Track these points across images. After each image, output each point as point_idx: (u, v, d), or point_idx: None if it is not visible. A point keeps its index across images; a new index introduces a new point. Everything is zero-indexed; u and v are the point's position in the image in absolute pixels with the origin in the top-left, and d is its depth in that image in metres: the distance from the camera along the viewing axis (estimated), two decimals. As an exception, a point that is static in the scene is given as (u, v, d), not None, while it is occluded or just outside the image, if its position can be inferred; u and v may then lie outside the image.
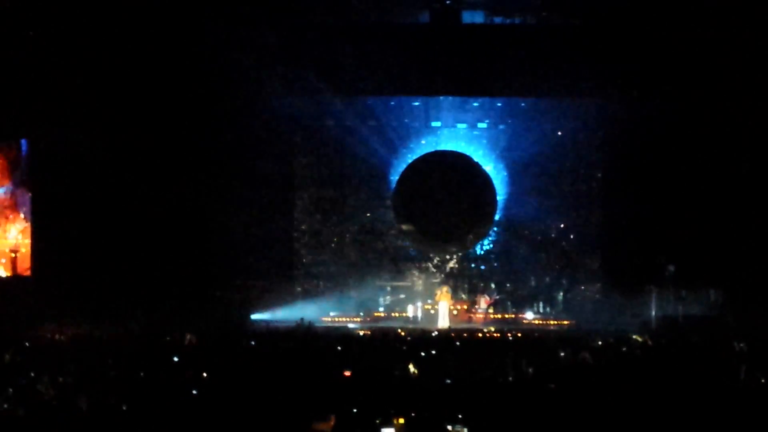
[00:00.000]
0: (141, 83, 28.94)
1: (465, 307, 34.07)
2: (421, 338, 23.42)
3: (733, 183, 29.43)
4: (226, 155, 31.39)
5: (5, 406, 12.20)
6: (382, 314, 33.91)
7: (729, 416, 11.91)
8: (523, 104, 35.46)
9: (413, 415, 11.95)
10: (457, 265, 36.26)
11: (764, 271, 28.45)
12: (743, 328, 25.08)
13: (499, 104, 35.83)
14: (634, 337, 24.74)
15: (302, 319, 28.03)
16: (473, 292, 35.16)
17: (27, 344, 19.10)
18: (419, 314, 33.35)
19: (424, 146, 36.73)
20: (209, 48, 29.22)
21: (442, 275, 35.72)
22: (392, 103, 35.41)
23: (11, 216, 32.29)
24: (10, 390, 12.85)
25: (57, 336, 21.99)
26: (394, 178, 36.17)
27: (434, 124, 36.72)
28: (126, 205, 29.36)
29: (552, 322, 32.82)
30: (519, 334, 26.09)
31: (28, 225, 31.82)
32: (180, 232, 29.99)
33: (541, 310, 34.55)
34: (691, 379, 14.61)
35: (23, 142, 31.75)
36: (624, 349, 20.56)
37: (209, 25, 29.09)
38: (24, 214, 32.08)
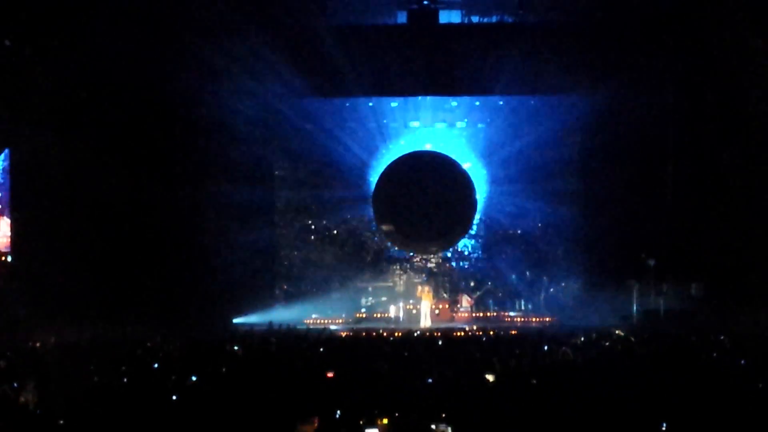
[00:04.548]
0: (120, 91, 28.86)
1: (447, 306, 34.12)
2: (403, 338, 23.44)
3: (712, 178, 29.54)
4: (205, 159, 31.35)
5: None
6: (364, 315, 33.91)
7: (712, 408, 11.95)
8: (501, 102, 35.59)
9: (397, 415, 11.96)
10: (438, 265, 36.35)
11: (744, 264, 28.58)
12: (724, 321, 25.23)
13: (478, 103, 35.96)
14: (615, 332, 24.82)
15: (278, 324, 27.86)
16: (455, 291, 35.24)
17: (8, 353, 19.02)
18: (401, 314, 33.39)
19: (403, 146, 36.78)
20: (188, 53, 29.20)
21: (424, 275, 35.78)
22: (371, 104, 35.49)
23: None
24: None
25: (39, 343, 21.90)
26: (374, 179, 36.20)
27: (413, 124, 36.79)
28: (106, 212, 29.26)
29: (534, 319, 32.91)
30: (501, 332, 26.13)
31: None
32: (160, 237, 29.91)
33: (522, 308, 34.64)
34: (673, 373, 14.65)
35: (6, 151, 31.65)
36: (606, 344, 20.61)
37: (187, 30, 29.08)
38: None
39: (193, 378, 14.74)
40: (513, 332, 26.36)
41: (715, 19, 27.92)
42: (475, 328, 29.13)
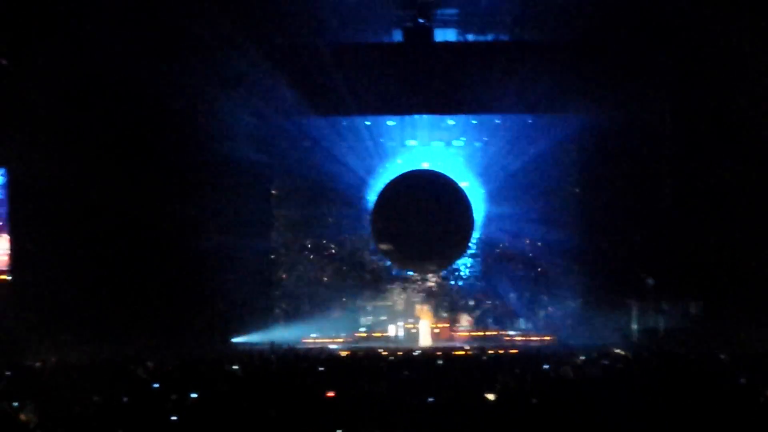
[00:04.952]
0: (117, 107, 28.92)
1: (446, 325, 34.10)
2: (403, 357, 23.40)
3: (711, 196, 29.54)
4: (203, 178, 31.31)
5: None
6: (364, 334, 33.87)
7: (713, 427, 11.95)
8: (498, 121, 35.59)
9: (397, 434, 11.96)
10: (437, 284, 36.26)
11: (743, 282, 28.57)
12: (724, 339, 25.21)
13: (475, 121, 35.97)
14: (615, 350, 24.80)
15: (274, 343, 27.85)
16: (454, 310, 35.15)
17: (8, 372, 19.00)
18: (401, 333, 33.36)
19: (401, 165, 36.77)
20: (185, 70, 29.20)
21: (423, 294, 35.73)
22: (367, 122, 35.48)
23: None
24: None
25: (39, 362, 21.86)
26: (372, 198, 36.17)
27: (410, 142, 36.79)
28: (105, 229, 29.29)
29: (533, 338, 32.89)
30: (501, 351, 26.11)
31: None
32: (157, 256, 29.88)
33: (522, 326, 34.58)
34: (674, 392, 14.64)
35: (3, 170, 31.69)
36: (605, 362, 20.59)
37: (184, 47, 29.13)
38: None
39: (193, 395, 14.72)
40: (513, 351, 26.36)
41: (713, 38, 27.96)
42: (474, 346, 29.10)
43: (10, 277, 30.93)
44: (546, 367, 18.87)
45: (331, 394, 14.85)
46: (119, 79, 28.31)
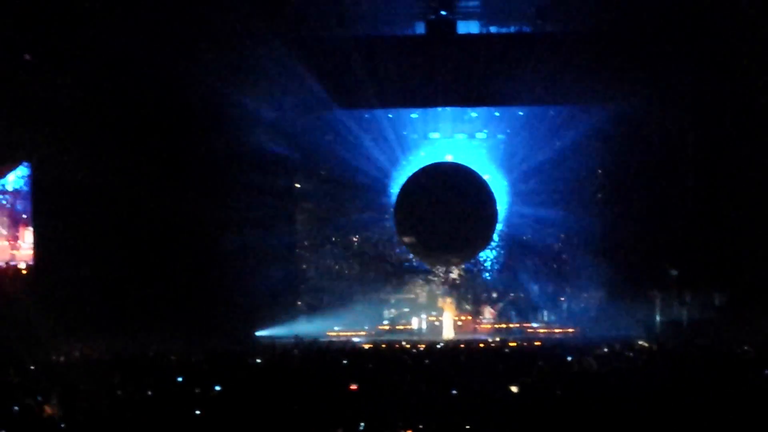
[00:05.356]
0: (140, 101, 28.99)
1: (469, 317, 34.10)
2: (426, 350, 23.41)
3: (735, 186, 29.41)
4: (226, 172, 31.36)
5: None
6: (387, 327, 33.91)
7: (736, 419, 11.90)
8: (521, 113, 35.54)
9: (421, 427, 11.94)
10: (460, 276, 36.26)
11: (767, 273, 28.44)
12: (748, 330, 25.10)
13: (497, 114, 35.91)
14: (639, 342, 24.74)
15: (298, 337, 27.92)
16: (477, 303, 35.16)
17: (32, 366, 19.08)
18: (424, 326, 33.41)
19: (424, 158, 36.75)
20: (208, 65, 29.23)
21: (446, 286, 35.72)
22: (390, 115, 35.48)
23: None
24: (16, 408, 12.87)
25: (62, 357, 21.95)
26: (395, 190, 36.18)
27: (433, 135, 36.77)
28: (127, 224, 29.38)
29: (557, 330, 32.86)
30: (524, 343, 26.10)
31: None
32: (182, 250, 29.94)
33: (545, 318, 34.55)
34: (697, 384, 14.59)
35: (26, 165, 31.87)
36: (629, 354, 20.55)
37: (207, 41, 29.14)
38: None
39: (217, 388, 14.75)
40: (536, 343, 26.34)
41: (737, 28, 27.82)
42: (497, 339, 29.09)
43: (34, 271, 31.13)
44: (569, 359, 18.84)
45: (354, 387, 14.86)
46: (141, 75, 28.35)
